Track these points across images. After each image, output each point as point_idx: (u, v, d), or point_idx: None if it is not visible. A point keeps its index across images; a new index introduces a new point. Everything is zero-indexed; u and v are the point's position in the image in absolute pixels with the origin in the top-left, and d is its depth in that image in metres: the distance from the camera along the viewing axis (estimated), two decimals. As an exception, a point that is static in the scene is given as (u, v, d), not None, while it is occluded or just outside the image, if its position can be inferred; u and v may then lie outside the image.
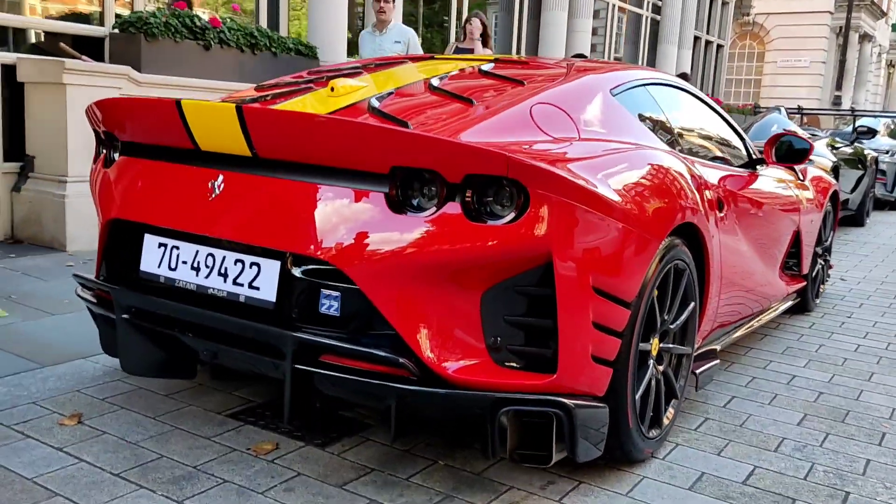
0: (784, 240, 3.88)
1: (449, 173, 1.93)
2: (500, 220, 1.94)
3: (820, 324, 4.49)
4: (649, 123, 2.85)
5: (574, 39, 10.87)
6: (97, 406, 2.65)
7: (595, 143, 2.37)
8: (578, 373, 2.06)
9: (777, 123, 7.59)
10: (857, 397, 3.26)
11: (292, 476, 2.25)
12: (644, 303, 2.25)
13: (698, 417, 2.92)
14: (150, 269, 2.27)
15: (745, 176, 3.46)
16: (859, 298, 5.22)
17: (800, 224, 4.04)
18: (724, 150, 3.58)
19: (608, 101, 2.66)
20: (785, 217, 3.82)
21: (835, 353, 3.91)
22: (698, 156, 3.19)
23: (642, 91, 2.94)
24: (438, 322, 1.98)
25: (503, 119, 2.29)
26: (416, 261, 1.93)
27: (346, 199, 1.99)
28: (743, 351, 3.81)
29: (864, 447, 2.75)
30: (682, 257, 2.50)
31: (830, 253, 5.05)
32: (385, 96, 2.43)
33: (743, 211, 3.24)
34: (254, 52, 6.10)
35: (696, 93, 3.48)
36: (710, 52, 18.96)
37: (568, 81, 2.62)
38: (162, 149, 2.30)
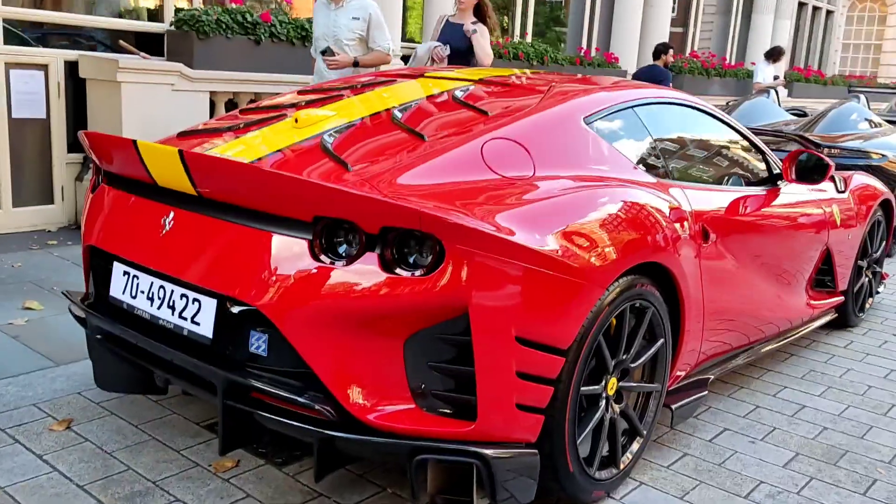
0: (808, 257, 3.68)
1: (366, 225, 1.95)
2: (415, 271, 1.95)
3: (858, 342, 4.24)
4: (630, 151, 2.76)
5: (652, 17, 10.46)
6: (90, 411, 2.85)
7: (548, 182, 2.32)
8: (501, 421, 2.06)
9: (856, 112, 7.12)
10: (863, 435, 3.09)
11: (240, 498, 2.37)
12: (586, 348, 2.21)
13: (677, 452, 2.85)
14: (116, 295, 2.41)
15: (757, 195, 3.30)
16: (918, 312, 4.90)
17: (829, 240, 3.81)
18: (738, 169, 3.41)
19: (578, 132, 2.59)
20: (809, 234, 3.62)
21: (861, 379, 3.70)
22: (696, 180, 3.06)
23: (628, 114, 2.84)
24: (360, 367, 2.02)
25: (451, 158, 2.28)
26: (336, 308, 1.98)
27: (275, 244, 2.05)
28: (758, 374, 3.66)
29: (845, 497, 2.62)
30: (645, 296, 2.43)
31: (882, 265, 4.74)
32: (343, 129, 2.46)
33: (744, 234, 3.10)
34: (304, 44, 6.20)
35: (706, 108, 3.31)
36: (819, 18, 17.84)
37: (536, 112, 2.57)
38: (132, 181, 2.42)
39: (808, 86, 15.50)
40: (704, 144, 3.32)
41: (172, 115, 5.39)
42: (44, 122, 5.44)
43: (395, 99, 2.76)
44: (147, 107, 5.38)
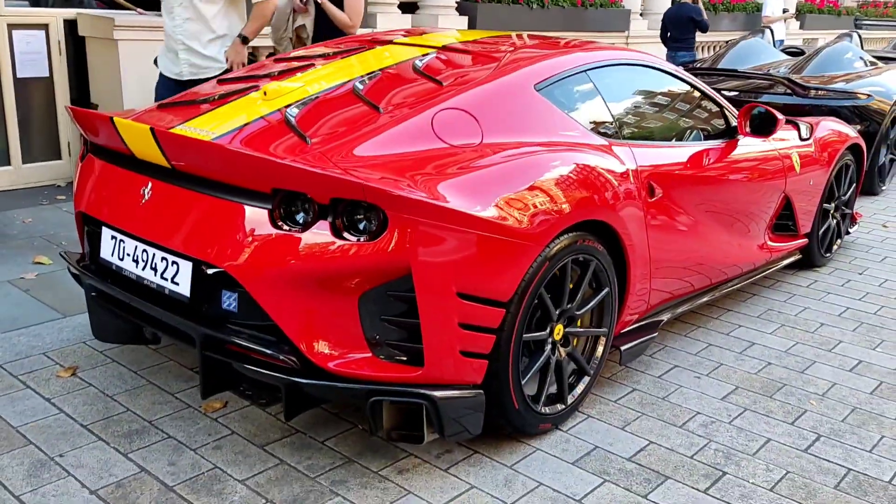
0: (765, 204, 3.87)
1: (317, 196, 2.19)
2: (362, 237, 2.19)
3: (822, 281, 4.46)
4: (580, 114, 2.95)
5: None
6: (93, 359, 3.16)
7: (492, 150, 2.53)
8: (447, 366, 2.33)
9: (851, 51, 7.14)
10: (804, 370, 3.34)
11: (226, 434, 2.68)
12: (528, 300, 2.45)
13: (626, 388, 3.12)
14: (106, 257, 2.68)
15: (712, 149, 3.48)
16: (887, 251, 5.07)
17: (788, 187, 3.98)
18: (696, 125, 3.58)
19: (528, 99, 2.78)
20: (764, 182, 3.80)
21: (815, 317, 3.94)
22: (648, 138, 3.24)
23: (581, 78, 3.02)
24: (320, 322, 2.28)
25: (402, 129, 2.49)
26: (294, 269, 2.23)
27: (240, 213, 2.29)
28: (717, 314, 3.91)
29: (773, 426, 2.88)
30: (587, 251, 2.67)
31: (852, 206, 4.90)
32: (307, 102, 2.67)
33: (695, 187, 3.30)
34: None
35: (664, 67, 3.47)
36: (836, -57, 17.34)
37: (488, 81, 2.76)
38: (114, 152, 2.66)
39: (821, 17, 15.25)
40: (660, 103, 3.49)
41: (169, 71, 5.57)
42: (47, 80, 5.66)
43: (360, 68, 2.95)
44: (145, 63, 5.54)
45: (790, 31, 13.32)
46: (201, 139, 2.37)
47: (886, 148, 6.52)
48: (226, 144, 2.38)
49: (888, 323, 3.88)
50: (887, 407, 3.04)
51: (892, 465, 2.65)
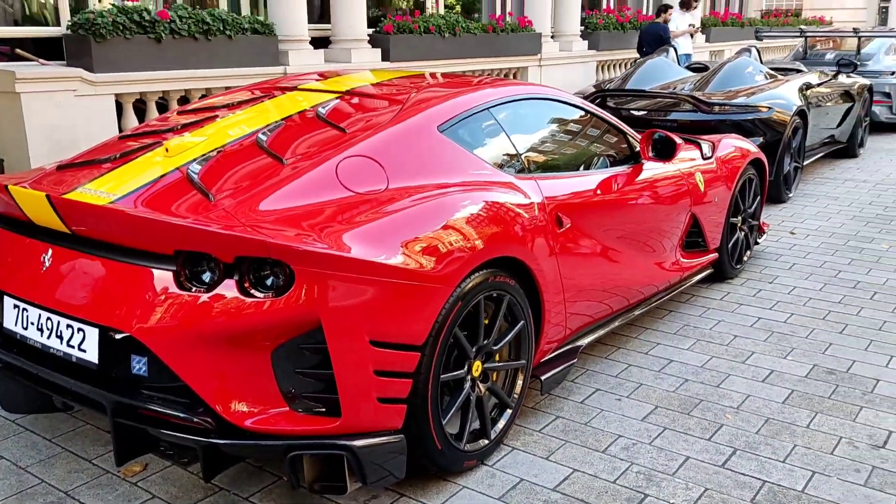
0: (674, 224, 4.01)
1: (221, 255, 2.18)
2: (270, 293, 2.19)
3: (734, 293, 4.63)
4: (485, 152, 3.01)
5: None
6: (4, 429, 3.04)
7: (398, 195, 2.57)
8: (365, 414, 2.34)
9: (751, 66, 7.47)
10: (719, 384, 3.46)
11: (147, 499, 2.61)
12: (443, 341, 2.48)
13: (550, 416, 3.17)
14: (10, 327, 2.60)
15: (617, 175, 3.59)
16: (796, 257, 5.30)
17: (694, 206, 4.14)
18: (601, 153, 3.70)
19: (432, 141, 2.83)
20: (671, 204, 3.94)
21: (729, 329, 4.08)
22: (554, 170, 3.33)
23: (483, 116, 3.09)
24: (234, 379, 2.26)
25: (307, 180, 2.50)
26: (204, 331, 2.21)
27: (145, 276, 2.26)
28: (636, 333, 4.01)
29: (692, 443, 2.98)
30: (500, 287, 2.72)
31: (758, 217, 5.12)
32: (209, 157, 2.66)
33: (603, 214, 3.40)
34: (208, 37, 6.28)
35: (566, 99, 3.58)
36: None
37: (391, 125, 2.80)
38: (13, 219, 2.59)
39: (725, 29, 15.92)
40: (563, 134, 3.59)
41: (78, 121, 5.47)
42: (-52, 137, 5.47)
43: (264, 118, 2.95)
44: (51, 115, 5.44)
45: (697, 44, 13.86)
46: (98, 204, 2.33)
47: (790, 157, 6.83)
48: (125, 207, 2.35)
49: (798, 331, 4.05)
50: (798, 415, 3.18)
51: (805, 474, 2.77)
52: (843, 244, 5.57)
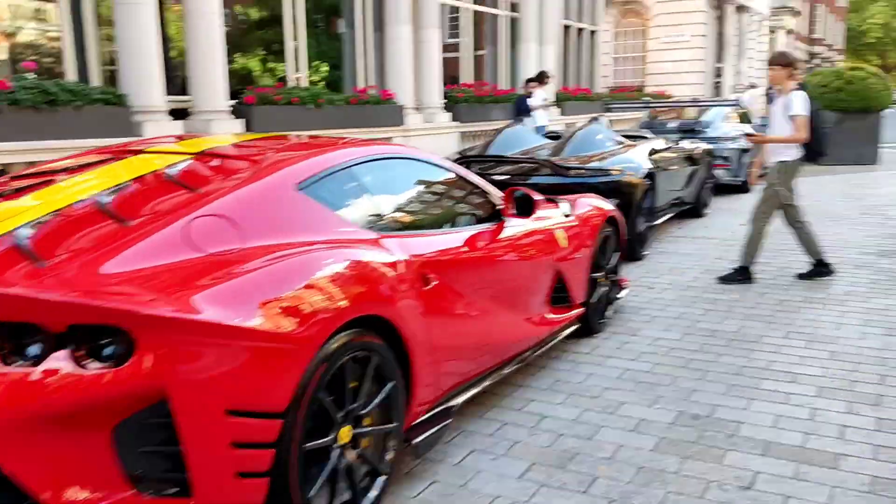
0: (540, 281, 4.07)
1: (51, 325, 1.96)
2: (108, 364, 1.98)
3: (602, 346, 4.72)
4: (346, 210, 2.95)
5: (424, 51, 10.97)
6: None
7: (254, 254, 2.44)
8: (222, 492, 2.14)
9: (601, 133, 7.89)
10: (592, 436, 3.46)
11: None
12: (306, 406, 2.34)
13: (425, 481, 3.05)
14: None
15: (481, 232, 3.61)
16: (656, 310, 5.51)
17: (558, 263, 4.23)
18: (464, 211, 3.72)
19: (291, 199, 2.73)
20: (536, 261, 4.00)
21: (598, 382, 4.13)
22: (417, 228, 3.30)
23: (345, 175, 3.03)
24: (68, 464, 2.02)
25: (153, 242, 2.33)
26: (31, 411, 1.96)
27: (-39, 353, 2.00)
28: (510, 391, 3.98)
29: (568, 498, 2.93)
30: (367, 347, 2.61)
31: (618, 272, 5.30)
32: (42, 221, 2.43)
33: (469, 271, 3.39)
34: (54, 108, 5.94)
35: (428, 159, 3.59)
36: (584, 38, 19.45)
37: (245, 184, 2.68)
38: None
39: (577, 103, 16.88)
40: (427, 193, 3.60)
41: None
42: None
43: (107, 181, 2.76)
44: None
45: (553, 117, 14.59)
46: None
47: (643, 217, 7.19)
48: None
49: (662, 379, 4.16)
50: (668, 462, 3.21)
51: (677, 518, 2.78)
52: (697, 296, 5.85)
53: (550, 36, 15.54)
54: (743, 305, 5.54)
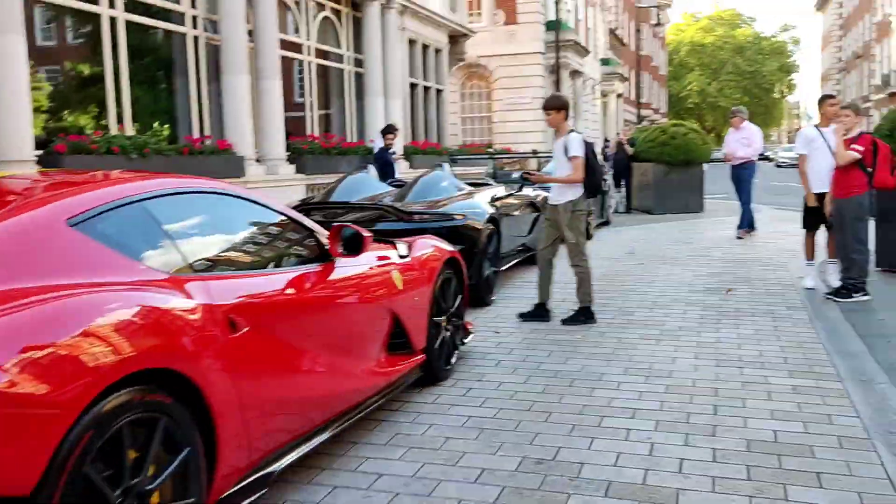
0: (374, 326, 3.79)
1: None
2: None
3: (446, 394, 4.48)
4: (135, 249, 2.55)
5: (264, 101, 10.62)
6: None
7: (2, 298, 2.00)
8: None
9: (446, 180, 7.82)
10: (431, 492, 3.18)
11: None
12: (64, 487, 1.90)
13: (239, 561, 2.63)
14: None
15: (304, 274, 3.30)
16: (501, 354, 5.35)
17: (395, 306, 3.97)
18: (284, 251, 3.41)
19: (59, 235, 2.32)
20: (369, 304, 3.73)
21: (441, 432, 3.87)
22: (229, 269, 2.95)
23: (134, 210, 2.64)
24: None
25: None
26: None
27: None
28: (344, 449, 3.63)
29: (402, 565, 2.61)
30: (151, 407, 2.21)
31: (462, 317, 5.12)
32: None
33: (289, 317, 3.06)
34: None
35: (241, 194, 3.26)
36: (431, 96, 19.78)
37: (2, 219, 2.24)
38: None
39: (426, 157, 17.03)
40: (241, 232, 3.26)
41: None
42: None
43: None
44: None
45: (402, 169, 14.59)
46: None
47: (488, 262, 7.12)
48: None
49: (506, 424, 3.96)
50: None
51: (520, 575, 2.52)
52: (542, 338, 5.77)
53: (396, 91, 15.65)
54: (585, 345, 5.51)
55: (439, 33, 19.56)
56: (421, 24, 18.03)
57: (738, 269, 8.58)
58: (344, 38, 14.33)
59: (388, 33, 15.13)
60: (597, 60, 39.53)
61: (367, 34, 14.46)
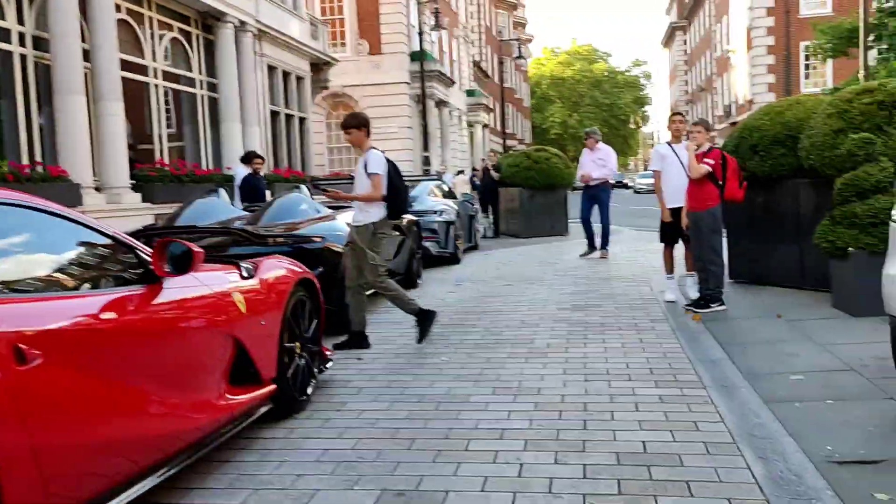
0: (211, 354, 3.39)
1: None
2: None
3: (301, 427, 4.09)
4: None
5: (105, 125, 9.85)
6: None
7: None
8: None
9: (304, 203, 7.44)
10: (277, 537, 2.80)
11: None
12: None
13: None
14: None
15: (123, 296, 2.86)
16: (363, 381, 5.01)
17: (237, 331, 3.57)
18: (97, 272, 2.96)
19: None
20: (203, 329, 3.32)
21: (292, 469, 3.48)
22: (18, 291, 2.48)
23: None
24: None
25: None
26: None
27: None
28: (175, 496, 3.17)
29: None
30: None
31: (319, 342, 4.75)
32: None
33: (99, 343, 2.62)
34: None
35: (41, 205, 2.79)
36: (293, 124, 19.29)
37: None
38: None
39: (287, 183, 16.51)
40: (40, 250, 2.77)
41: None
42: None
43: None
44: None
45: (267, 198, 14.03)
46: None
47: (349, 287, 6.78)
48: None
49: (365, 455, 3.63)
50: (366, 552, 2.65)
51: None
52: (406, 362, 5.49)
53: (254, 118, 15.10)
54: (451, 366, 5.27)
55: (300, 61, 19.18)
56: (280, 50, 17.60)
57: (603, 286, 8.67)
58: (196, 62, 13.68)
59: (244, 58, 14.61)
60: (462, 91, 40.29)
61: (221, 58, 13.87)
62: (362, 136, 5.83)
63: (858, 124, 6.32)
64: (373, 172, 5.71)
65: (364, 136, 5.83)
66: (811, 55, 29.95)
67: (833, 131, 6.39)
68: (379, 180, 5.72)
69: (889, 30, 21.26)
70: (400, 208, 6.00)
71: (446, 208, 11.96)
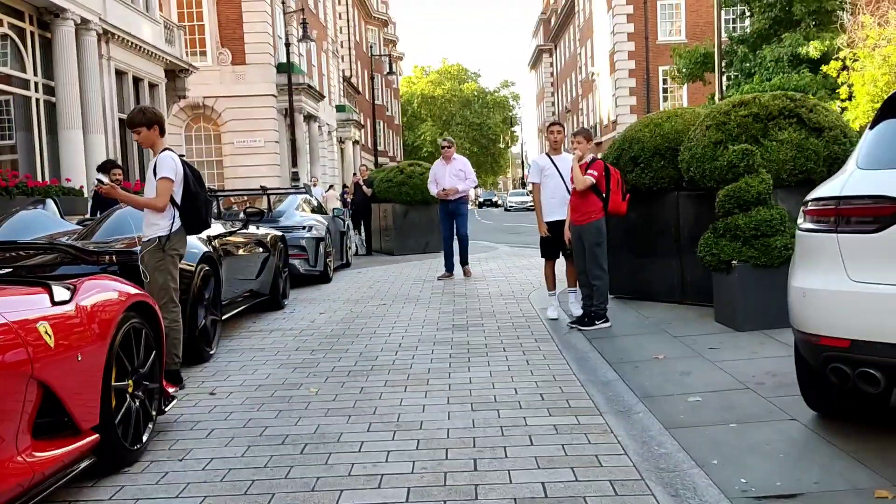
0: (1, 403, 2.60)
1: None
2: None
3: (130, 486, 3.33)
4: None
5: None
6: None
7: None
8: None
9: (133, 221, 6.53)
10: None
11: None
12: None
13: None
14: None
15: None
16: (216, 421, 4.28)
17: (42, 371, 2.80)
18: None
19: None
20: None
21: (115, 544, 2.75)
22: None
23: None
24: None
25: None
26: None
27: None
28: None
29: None
30: None
31: (158, 379, 3.98)
32: None
33: None
34: None
35: None
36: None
37: None
38: None
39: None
40: None
41: None
42: None
43: None
44: None
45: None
46: None
47: (205, 309, 5.99)
48: None
49: (212, 518, 2.94)
50: None
51: None
52: (269, 396, 4.79)
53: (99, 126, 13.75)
54: (321, 400, 4.62)
55: (154, 66, 17.85)
56: (131, 54, 16.27)
57: (483, 304, 8.25)
58: (30, 62, 12.29)
59: (87, 60, 13.29)
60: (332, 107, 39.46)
61: (60, 59, 12.53)
62: (154, 136, 4.94)
63: (737, 136, 6.24)
64: (162, 177, 4.83)
65: (156, 135, 4.94)
66: (670, 79, 31.34)
67: (712, 143, 6.28)
68: (166, 186, 4.83)
69: (738, 55, 22.53)
70: (199, 221, 5.12)
71: (316, 224, 11.24)
